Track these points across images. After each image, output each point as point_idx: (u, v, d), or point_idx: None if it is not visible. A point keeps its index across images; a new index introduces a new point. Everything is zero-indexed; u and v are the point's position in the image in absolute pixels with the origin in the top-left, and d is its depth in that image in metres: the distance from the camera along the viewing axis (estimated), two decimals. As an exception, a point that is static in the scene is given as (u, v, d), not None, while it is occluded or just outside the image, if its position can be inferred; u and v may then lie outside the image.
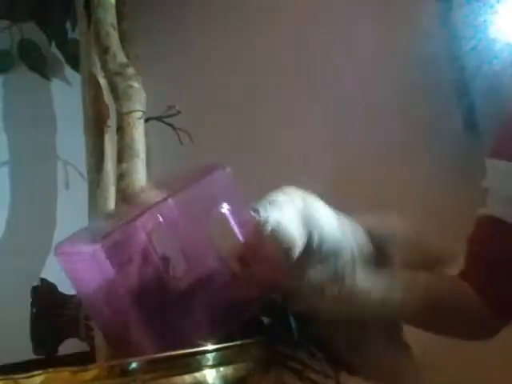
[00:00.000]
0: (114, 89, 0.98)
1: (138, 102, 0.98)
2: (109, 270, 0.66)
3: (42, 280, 1.10)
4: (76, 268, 0.70)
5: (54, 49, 1.35)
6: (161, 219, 0.69)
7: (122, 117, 0.96)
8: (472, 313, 0.80)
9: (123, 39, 1.04)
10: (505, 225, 0.77)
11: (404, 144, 1.15)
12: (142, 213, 0.67)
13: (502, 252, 0.78)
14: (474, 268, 0.79)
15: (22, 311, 1.08)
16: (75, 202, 1.14)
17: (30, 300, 1.09)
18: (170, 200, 0.69)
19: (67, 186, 1.33)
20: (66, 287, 1.10)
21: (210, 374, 0.70)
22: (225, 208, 0.74)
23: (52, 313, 1.07)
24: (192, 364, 0.69)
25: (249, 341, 0.76)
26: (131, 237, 0.67)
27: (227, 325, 0.77)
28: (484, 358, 1.06)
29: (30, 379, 0.64)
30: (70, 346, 1.09)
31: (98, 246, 0.64)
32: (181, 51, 1.36)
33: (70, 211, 1.29)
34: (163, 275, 0.71)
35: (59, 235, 1.32)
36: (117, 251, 0.66)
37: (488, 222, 0.79)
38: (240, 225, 0.74)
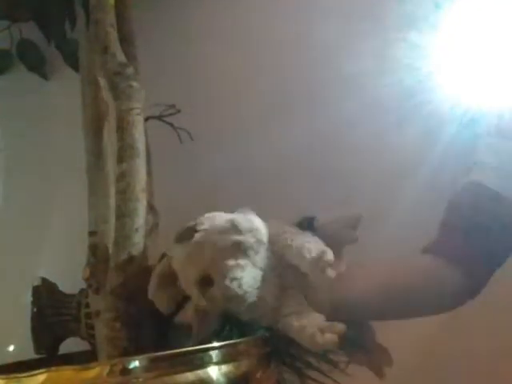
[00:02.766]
0: (113, 88, 0.98)
1: (138, 101, 0.98)
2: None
3: (43, 279, 1.10)
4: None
5: (52, 49, 1.34)
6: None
7: (121, 116, 0.96)
8: (440, 285, 0.82)
9: (122, 39, 1.04)
10: (489, 191, 0.79)
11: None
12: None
13: (480, 217, 0.80)
14: (450, 235, 0.81)
15: (22, 310, 1.09)
16: (74, 202, 1.15)
17: (30, 299, 1.09)
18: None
19: (66, 186, 1.33)
20: (66, 286, 1.10)
21: (212, 372, 0.71)
22: None
23: (53, 312, 1.07)
24: (194, 362, 0.70)
25: (250, 339, 0.76)
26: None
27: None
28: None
29: (33, 378, 0.64)
30: (71, 344, 1.09)
31: None
32: (181, 50, 1.36)
33: (70, 211, 1.30)
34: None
35: (59, 235, 1.33)
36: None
37: (473, 188, 0.82)
38: None
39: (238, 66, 1.34)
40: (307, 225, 0.89)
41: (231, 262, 0.78)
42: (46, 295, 1.09)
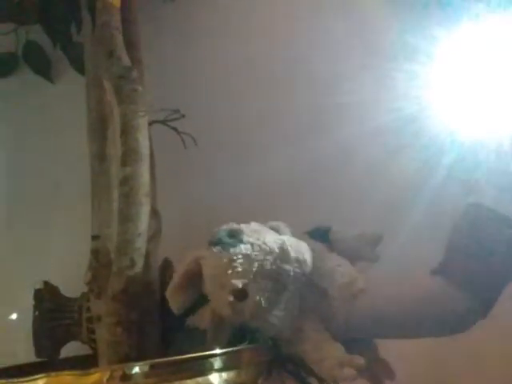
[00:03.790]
0: (117, 92, 0.98)
1: (142, 105, 0.98)
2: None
3: (45, 282, 1.10)
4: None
5: (58, 51, 1.35)
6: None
7: (125, 120, 0.96)
8: (446, 308, 0.81)
9: (128, 42, 1.04)
10: (490, 212, 0.79)
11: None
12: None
13: (483, 239, 0.80)
14: (455, 258, 0.81)
15: (24, 313, 1.08)
16: (78, 205, 1.14)
17: (32, 302, 1.09)
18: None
19: (70, 189, 1.32)
20: (68, 290, 1.10)
21: (213, 379, 0.70)
22: None
23: (54, 315, 1.06)
24: (195, 368, 0.69)
25: (252, 346, 0.76)
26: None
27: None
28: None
29: (32, 382, 0.64)
30: (72, 348, 1.09)
31: None
32: (186, 55, 1.36)
33: (73, 214, 1.29)
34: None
35: (62, 238, 1.32)
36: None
37: (474, 210, 0.82)
38: None
39: (245, 71, 1.34)
40: (321, 235, 0.88)
41: (271, 286, 0.77)
42: (47, 298, 1.08)
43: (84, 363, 0.97)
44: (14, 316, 1.24)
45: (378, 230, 0.92)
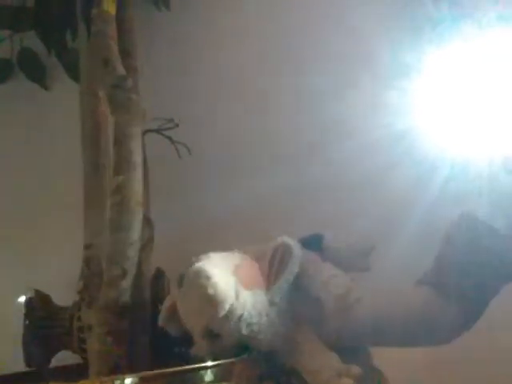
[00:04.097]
0: (112, 101, 0.98)
1: (136, 114, 0.97)
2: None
3: (36, 291, 1.09)
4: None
5: (53, 59, 1.34)
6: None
7: (119, 129, 0.96)
8: (433, 319, 0.82)
9: (123, 51, 1.04)
10: (483, 224, 0.79)
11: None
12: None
13: (475, 251, 0.80)
14: (445, 269, 0.81)
15: (14, 322, 1.07)
16: (71, 213, 1.14)
17: (23, 311, 1.08)
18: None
19: (63, 197, 1.32)
20: (59, 298, 1.09)
21: (202, 392, 0.70)
22: None
23: (45, 324, 1.06)
24: (185, 381, 0.69)
25: (243, 359, 0.75)
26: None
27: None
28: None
29: (20, 394, 0.63)
30: (62, 358, 1.08)
31: None
32: (180, 65, 1.36)
33: (66, 222, 1.29)
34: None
35: (54, 246, 1.32)
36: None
37: (466, 222, 0.82)
38: None
39: (240, 81, 1.34)
40: (314, 243, 0.88)
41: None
42: (38, 307, 1.07)
43: (74, 373, 0.96)
44: (3, 324, 1.23)
45: (370, 241, 0.92)
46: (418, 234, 1.02)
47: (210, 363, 0.72)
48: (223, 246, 0.87)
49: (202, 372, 0.69)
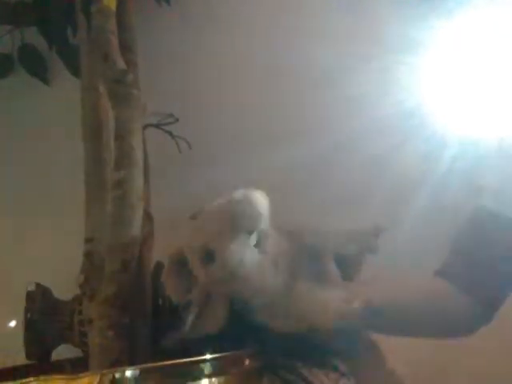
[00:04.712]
0: (112, 95, 0.98)
1: (137, 109, 0.98)
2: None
3: (37, 284, 1.09)
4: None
5: (54, 54, 1.34)
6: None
7: (120, 124, 0.96)
8: (451, 311, 0.81)
9: (123, 46, 1.04)
10: (496, 216, 0.79)
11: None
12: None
13: (489, 244, 0.80)
14: (461, 263, 0.81)
15: (15, 315, 1.08)
16: (72, 207, 1.14)
17: (24, 304, 1.08)
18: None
19: (64, 191, 1.32)
20: (60, 292, 1.09)
21: (203, 384, 0.70)
22: None
23: (46, 318, 1.06)
24: (185, 374, 0.69)
25: (242, 352, 0.76)
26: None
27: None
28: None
29: (21, 386, 0.64)
30: (63, 351, 1.08)
31: None
32: (180, 59, 1.36)
33: (67, 216, 1.29)
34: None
35: (56, 242, 1.32)
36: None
37: (480, 215, 0.81)
38: None
39: (242, 70, 1.34)
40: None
41: (233, 235, 0.77)
42: (39, 301, 1.08)
43: (75, 366, 0.97)
44: (4, 318, 1.24)
45: (379, 222, 0.91)
46: (427, 210, 1.01)
47: (209, 356, 0.72)
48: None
49: (202, 365, 0.70)
